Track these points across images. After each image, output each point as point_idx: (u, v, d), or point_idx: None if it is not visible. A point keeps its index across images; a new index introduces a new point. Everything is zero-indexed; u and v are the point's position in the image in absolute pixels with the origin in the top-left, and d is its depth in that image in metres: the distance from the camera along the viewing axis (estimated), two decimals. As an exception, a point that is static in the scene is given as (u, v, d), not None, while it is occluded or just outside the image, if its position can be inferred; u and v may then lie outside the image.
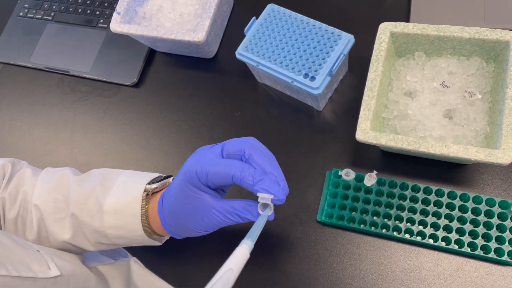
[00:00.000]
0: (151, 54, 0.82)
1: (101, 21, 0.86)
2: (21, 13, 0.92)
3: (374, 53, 0.58)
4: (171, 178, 0.52)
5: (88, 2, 0.88)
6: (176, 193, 0.45)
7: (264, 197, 0.41)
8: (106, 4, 0.87)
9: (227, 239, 0.64)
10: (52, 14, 0.90)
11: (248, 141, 0.44)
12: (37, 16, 0.91)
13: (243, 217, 0.43)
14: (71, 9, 0.89)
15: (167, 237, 0.55)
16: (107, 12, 0.86)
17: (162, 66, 0.81)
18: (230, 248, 0.63)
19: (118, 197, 0.48)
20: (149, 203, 0.49)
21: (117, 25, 0.72)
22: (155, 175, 0.52)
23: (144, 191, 0.49)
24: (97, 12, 0.87)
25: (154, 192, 0.50)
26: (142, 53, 0.81)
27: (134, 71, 0.80)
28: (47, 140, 0.81)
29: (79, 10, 0.88)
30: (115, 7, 0.74)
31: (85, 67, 0.84)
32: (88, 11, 0.88)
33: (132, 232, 0.49)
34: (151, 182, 0.50)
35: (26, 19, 0.91)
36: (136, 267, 0.60)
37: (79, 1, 0.89)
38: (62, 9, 0.90)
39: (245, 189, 0.43)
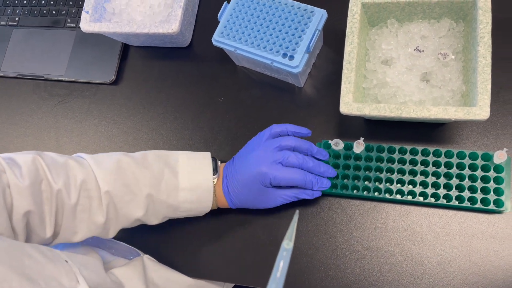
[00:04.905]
0: (125, 49, 0.81)
1: (69, 20, 0.85)
2: (-17, 22, 0.89)
3: (348, 25, 0.59)
4: (219, 162, 0.62)
5: (52, 2, 0.86)
6: (248, 189, 0.58)
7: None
8: (71, 2, 0.85)
9: (232, 229, 0.66)
10: (17, 18, 0.87)
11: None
12: (1, 23, 0.88)
13: (300, 198, 0.60)
14: (35, 12, 0.87)
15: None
16: (73, 11, 0.84)
17: (138, 60, 0.80)
18: (233, 236, 0.65)
19: (190, 178, 0.58)
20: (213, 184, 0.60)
21: (87, 24, 0.71)
22: (207, 154, 0.62)
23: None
24: (63, 12, 0.85)
25: None
26: (116, 49, 0.80)
27: (111, 69, 0.79)
28: (32, 148, 0.80)
29: (44, 12, 0.86)
30: (81, 5, 0.73)
31: (59, 69, 0.82)
32: (54, 12, 0.86)
33: (201, 204, 0.59)
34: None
35: (-10, 27, 0.89)
36: (150, 263, 0.61)
37: (43, 2, 0.87)
38: (26, 12, 0.87)
39: None
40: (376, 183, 0.61)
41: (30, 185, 0.49)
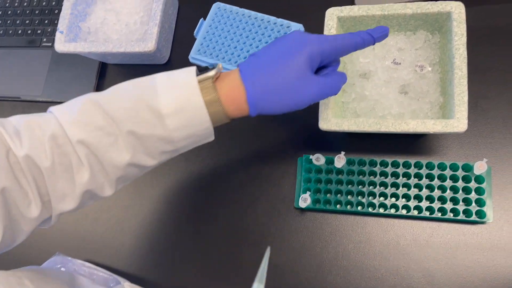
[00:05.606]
0: (103, 67, 0.80)
1: (44, 39, 0.83)
2: (-43, 43, 0.87)
3: (324, 40, 0.59)
4: (221, 65, 0.49)
5: (28, 22, 0.85)
6: (286, 75, 0.46)
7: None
8: (46, 21, 0.84)
9: (219, 252, 0.65)
10: (-9, 39, 0.86)
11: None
12: (-24, 44, 0.87)
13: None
14: (10, 32, 0.85)
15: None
16: (49, 30, 0.83)
17: (117, 78, 0.79)
18: (219, 258, 0.64)
19: (172, 97, 0.46)
20: (214, 87, 0.47)
21: (62, 44, 0.70)
22: (191, 67, 0.49)
23: (201, 81, 0.47)
24: (39, 31, 0.84)
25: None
26: (94, 68, 0.79)
27: (89, 88, 0.78)
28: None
29: (19, 32, 0.85)
30: (57, 24, 0.71)
31: (36, 90, 0.81)
32: (29, 31, 0.84)
33: (198, 127, 0.47)
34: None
35: (-36, 49, 0.87)
36: None
37: (18, 22, 0.85)
38: (1, 32, 0.86)
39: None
40: (359, 197, 0.61)
41: None
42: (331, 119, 0.55)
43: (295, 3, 0.73)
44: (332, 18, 0.59)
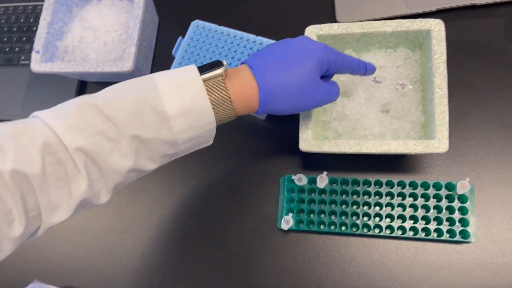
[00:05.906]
0: (83, 85, 0.79)
1: (22, 57, 0.81)
2: None
3: (304, 59, 0.58)
4: (225, 62, 0.48)
5: (5, 39, 0.83)
6: (299, 76, 0.46)
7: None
8: (24, 39, 0.82)
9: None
10: (-32, 58, 0.84)
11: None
12: (-48, 63, 0.85)
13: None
14: (-13, 50, 0.83)
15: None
16: (27, 48, 0.81)
17: (96, 96, 0.78)
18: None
19: (177, 98, 0.43)
20: (225, 86, 0.46)
21: (38, 64, 0.68)
22: (190, 66, 0.47)
23: (207, 80, 0.45)
24: (17, 49, 0.82)
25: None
26: (73, 86, 0.77)
27: (68, 107, 0.76)
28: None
29: (-3, 50, 0.83)
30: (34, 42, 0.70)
31: (14, 109, 0.79)
32: (7, 49, 0.82)
33: (203, 128, 0.46)
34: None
35: None
36: None
37: (-5, 40, 0.83)
38: (-23, 51, 0.84)
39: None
40: (342, 217, 0.60)
41: None
42: (312, 141, 0.54)
43: (274, 20, 0.73)
44: (312, 36, 0.58)
